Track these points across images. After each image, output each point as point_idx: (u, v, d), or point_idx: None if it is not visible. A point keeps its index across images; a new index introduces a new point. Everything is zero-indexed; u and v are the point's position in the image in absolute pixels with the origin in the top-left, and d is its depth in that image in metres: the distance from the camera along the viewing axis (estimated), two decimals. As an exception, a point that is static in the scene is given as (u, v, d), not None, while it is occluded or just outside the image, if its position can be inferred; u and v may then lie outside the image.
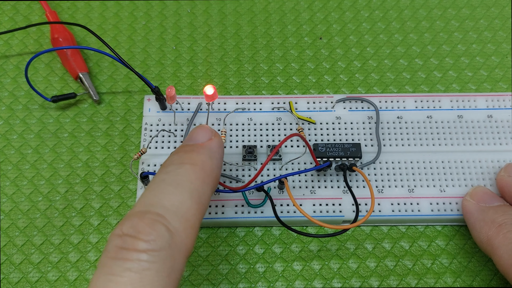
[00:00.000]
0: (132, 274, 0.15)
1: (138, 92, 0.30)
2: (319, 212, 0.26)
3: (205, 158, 0.20)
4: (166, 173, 0.19)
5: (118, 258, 0.16)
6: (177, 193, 0.18)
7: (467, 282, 0.25)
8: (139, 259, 0.16)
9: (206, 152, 0.20)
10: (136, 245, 0.16)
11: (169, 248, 0.16)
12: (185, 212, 0.18)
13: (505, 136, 0.28)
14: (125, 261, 0.16)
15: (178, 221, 0.17)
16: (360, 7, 0.33)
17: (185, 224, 0.17)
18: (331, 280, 0.25)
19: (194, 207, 0.18)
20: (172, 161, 0.20)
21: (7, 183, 0.27)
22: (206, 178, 0.19)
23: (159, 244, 0.16)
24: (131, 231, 0.16)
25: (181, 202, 0.18)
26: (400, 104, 0.29)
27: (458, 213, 0.26)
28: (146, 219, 0.17)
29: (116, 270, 0.15)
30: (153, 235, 0.16)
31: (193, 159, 0.19)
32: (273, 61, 0.31)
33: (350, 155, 0.25)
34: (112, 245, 0.16)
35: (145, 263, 0.16)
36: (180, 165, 0.19)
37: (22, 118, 0.29)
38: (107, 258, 0.16)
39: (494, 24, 0.33)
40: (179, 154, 0.20)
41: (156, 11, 0.33)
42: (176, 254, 0.17)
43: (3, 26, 0.32)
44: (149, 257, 0.16)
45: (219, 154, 0.21)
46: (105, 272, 0.16)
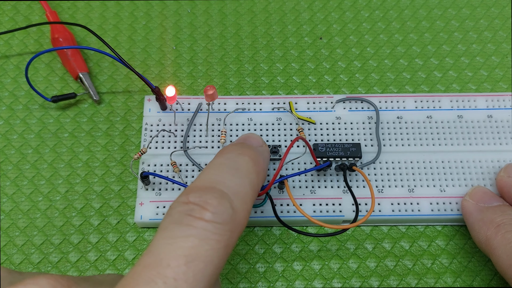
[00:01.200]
0: (196, 240, 0.16)
1: (138, 92, 0.30)
2: (319, 212, 0.26)
3: (259, 157, 0.21)
4: (226, 159, 0.20)
5: (183, 223, 0.16)
6: (237, 176, 0.19)
7: (467, 282, 0.25)
8: (204, 228, 0.16)
9: (260, 153, 0.21)
10: (203, 214, 0.17)
11: (230, 223, 0.17)
12: (244, 195, 0.19)
13: (505, 136, 0.28)
14: (190, 227, 0.16)
15: (239, 201, 0.18)
16: (360, 7, 0.33)
17: (244, 206, 0.18)
18: (331, 280, 0.25)
19: (251, 193, 0.19)
20: (231, 150, 0.21)
21: (7, 183, 0.27)
22: (259, 173, 0.20)
23: (223, 218, 0.17)
24: (199, 201, 0.17)
25: (241, 186, 0.19)
26: (400, 104, 0.29)
27: (458, 213, 0.26)
28: (214, 193, 0.17)
29: (180, 234, 0.16)
30: (220, 209, 0.17)
31: (251, 154, 0.21)
32: (273, 61, 0.31)
33: (350, 155, 0.25)
34: (177, 210, 0.17)
35: (209, 233, 0.16)
36: (239, 155, 0.20)
37: (22, 118, 0.29)
38: (171, 223, 0.17)
39: (494, 24, 0.33)
40: (237, 146, 0.21)
41: (156, 11, 0.33)
42: (234, 231, 0.17)
43: (3, 26, 0.32)
44: (212, 227, 0.16)
45: (267, 160, 0.23)
46: (167, 235, 0.16)
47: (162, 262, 0.15)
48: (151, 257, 0.16)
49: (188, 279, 0.15)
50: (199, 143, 0.27)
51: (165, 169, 0.27)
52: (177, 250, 0.16)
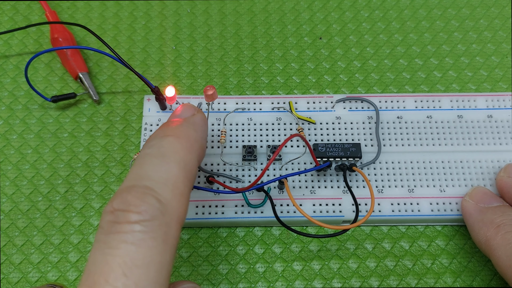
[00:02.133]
0: (128, 245, 0.15)
1: (138, 92, 0.30)
2: (319, 212, 0.26)
3: (188, 130, 0.20)
4: (150, 147, 0.19)
5: (113, 232, 0.16)
6: (162, 163, 0.18)
7: (467, 282, 0.25)
8: (133, 230, 0.16)
9: (189, 125, 0.20)
10: (128, 218, 0.16)
11: (161, 216, 0.16)
12: (173, 181, 0.18)
13: (505, 136, 0.28)
14: (119, 233, 0.16)
15: (167, 190, 0.17)
16: (360, 7, 0.33)
17: (174, 192, 0.17)
18: (331, 280, 0.25)
19: (181, 175, 0.18)
20: (155, 135, 0.20)
21: (7, 183, 0.27)
22: (191, 147, 0.19)
23: (150, 214, 0.16)
24: (122, 206, 0.16)
25: (167, 172, 0.18)
26: (400, 104, 0.29)
27: (458, 213, 0.26)
28: (135, 192, 0.17)
29: (112, 244, 0.16)
30: (144, 206, 0.16)
31: (176, 131, 0.20)
32: (273, 61, 0.31)
33: (350, 155, 0.25)
34: (105, 221, 0.16)
35: (139, 234, 0.16)
36: (163, 137, 0.19)
37: (22, 118, 0.29)
38: (101, 235, 0.16)
39: (494, 24, 0.33)
40: (161, 128, 0.20)
41: (156, 11, 0.33)
42: (169, 222, 0.17)
43: (3, 26, 0.32)
44: (142, 227, 0.16)
45: (202, 127, 0.21)
46: (101, 247, 0.16)
47: (100, 280, 0.15)
48: (90, 275, 0.15)
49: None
50: (199, 143, 0.27)
51: (165, 169, 0.27)
52: (112, 261, 0.15)
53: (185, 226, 0.26)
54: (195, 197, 0.26)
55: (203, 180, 0.27)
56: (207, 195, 0.26)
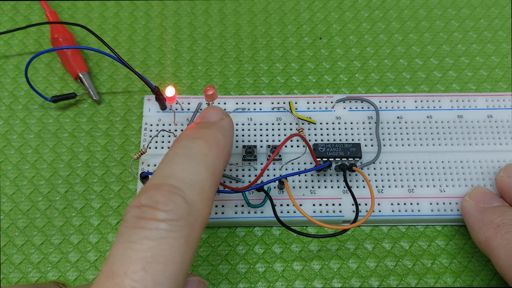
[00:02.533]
0: (151, 242, 0.16)
1: (138, 92, 0.30)
2: (319, 212, 0.26)
3: (217, 134, 0.20)
4: (180, 147, 0.19)
5: (137, 227, 0.16)
6: (192, 165, 0.18)
7: (467, 282, 0.25)
8: (158, 228, 0.16)
9: (219, 129, 0.20)
10: (155, 215, 0.16)
11: (187, 217, 0.17)
12: (200, 184, 0.18)
13: (505, 136, 0.28)
14: (144, 229, 0.16)
15: (194, 192, 0.17)
16: (360, 7, 0.33)
17: (201, 195, 0.18)
18: (331, 280, 0.25)
19: (209, 179, 0.18)
20: (185, 136, 0.20)
21: (7, 183, 0.27)
22: (220, 152, 0.20)
23: (177, 214, 0.16)
24: (149, 202, 0.17)
25: (196, 174, 0.18)
26: (400, 104, 0.29)
27: (458, 213, 0.26)
28: (163, 190, 0.17)
29: (134, 238, 0.16)
30: (171, 205, 0.16)
31: (206, 135, 0.20)
32: (273, 61, 0.31)
33: (350, 155, 0.25)
34: (130, 215, 0.17)
35: (163, 232, 0.16)
36: (193, 139, 0.19)
37: (22, 118, 0.29)
38: (125, 228, 0.16)
39: (494, 24, 0.33)
40: (192, 130, 0.20)
41: (156, 11, 0.33)
42: (193, 224, 0.17)
43: (3, 26, 0.32)
44: (167, 226, 0.16)
45: (230, 133, 0.21)
46: (124, 240, 0.16)
47: (119, 271, 0.15)
48: (109, 267, 0.15)
49: (148, 284, 0.15)
50: (199, 143, 0.27)
51: (165, 169, 0.27)
52: (133, 255, 0.15)
53: (185, 226, 0.26)
54: (195, 197, 0.26)
55: (203, 180, 0.27)
56: (207, 195, 0.26)
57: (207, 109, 0.22)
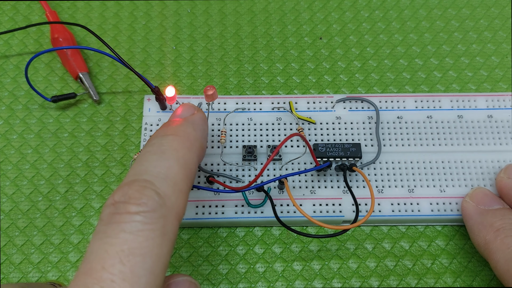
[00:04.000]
0: (127, 235, 0.16)
1: (138, 92, 0.30)
2: (319, 212, 0.26)
3: (188, 129, 0.20)
4: (151, 145, 0.20)
5: (112, 222, 0.16)
6: (162, 160, 0.19)
7: (467, 282, 0.25)
8: (132, 220, 0.16)
9: (189, 124, 0.21)
10: (128, 209, 0.16)
11: (160, 209, 0.17)
12: (172, 177, 0.18)
13: (505, 136, 0.28)
14: (119, 223, 0.16)
15: (166, 185, 0.18)
16: (360, 7, 0.33)
17: (173, 188, 0.18)
18: (331, 280, 0.25)
19: (181, 172, 0.19)
20: (156, 135, 0.20)
21: (7, 183, 0.27)
22: (191, 146, 0.20)
23: (150, 206, 0.17)
24: (122, 198, 0.17)
25: (167, 168, 0.18)
26: (400, 104, 0.29)
27: (458, 213, 0.26)
28: (135, 185, 0.17)
29: (111, 233, 0.16)
30: (144, 199, 0.17)
31: (176, 130, 0.20)
32: (273, 61, 0.31)
33: (350, 155, 0.25)
34: (105, 213, 0.17)
35: (139, 224, 0.16)
36: (163, 136, 0.20)
37: (22, 118, 0.29)
38: (101, 226, 0.17)
39: (494, 24, 0.33)
40: (162, 128, 0.21)
41: (156, 11, 0.33)
42: (168, 216, 0.17)
43: (3, 26, 0.32)
44: (141, 218, 0.16)
45: (202, 126, 0.22)
46: (101, 237, 0.16)
47: (97, 266, 0.15)
48: (87, 263, 0.16)
49: (126, 276, 0.15)
50: (199, 143, 0.27)
51: (165, 169, 0.27)
52: (110, 249, 0.15)
53: (185, 226, 0.26)
54: (195, 197, 0.26)
55: (203, 180, 0.27)
56: (207, 195, 0.26)
57: (178, 107, 0.23)
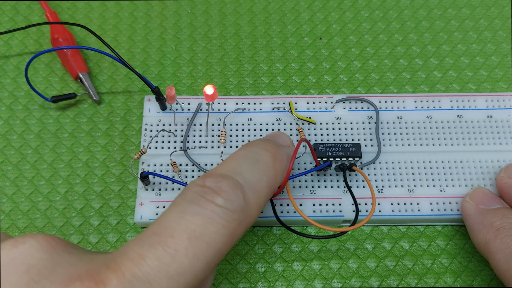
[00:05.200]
0: (203, 219, 0.16)
1: (138, 92, 0.30)
2: (319, 212, 0.26)
3: (283, 156, 0.21)
4: (250, 152, 0.20)
5: (195, 203, 0.17)
6: (256, 170, 0.19)
7: (467, 282, 0.25)
8: (214, 210, 0.17)
9: (285, 152, 0.22)
10: (215, 198, 0.17)
11: (240, 212, 0.17)
12: (259, 190, 0.19)
13: (505, 136, 0.28)
14: (200, 207, 0.17)
15: (253, 195, 0.18)
16: (360, 7, 0.33)
17: (257, 200, 0.19)
18: (331, 280, 0.25)
19: (266, 190, 0.19)
20: (256, 144, 0.21)
21: (7, 183, 0.27)
22: (279, 172, 0.21)
23: (234, 206, 0.17)
24: (214, 186, 0.17)
25: (258, 180, 0.19)
26: (400, 104, 0.29)
27: (458, 213, 0.26)
28: (229, 181, 0.18)
29: (189, 211, 0.17)
30: (233, 197, 0.17)
31: (275, 151, 0.21)
32: (273, 61, 0.31)
33: (350, 155, 0.25)
34: (191, 191, 0.18)
35: (217, 216, 0.17)
36: (262, 150, 0.20)
37: (22, 118, 0.29)
38: (183, 200, 0.17)
39: (494, 24, 0.33)
40: (263, 141, 0.21)
41: (156, 11, 0.33)
42: (242, 221, 0.18)
43: (3, 26, 0.32)
44: (222, 212, 0.17)
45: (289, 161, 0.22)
46: (179, 210, 0.17)
47: (167, 232, 0.16)
48: (158, 226, 0.16)
49: (188, 253, 0.16)
50: (199, 143, 0.27)
51: (165, 169, 0.27)
52: (183, 225, 0.16)
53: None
54: (195, 197, 0.26)
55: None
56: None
57: (278, 133, 0.24)
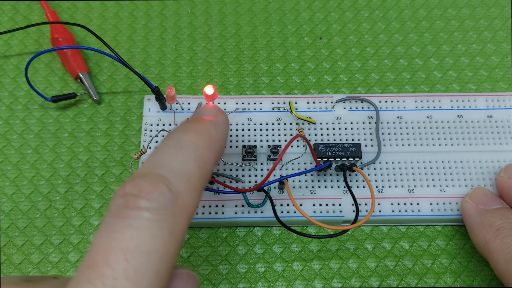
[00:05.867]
0: (133, 231, 0.15)
1: (138, 92, 0.30)
2: (319, 212, 0.26)
3: (210, 129, 0.20)
4: (171, 139, 0.19)
5: (120, 216, 0.16)
6: (180, 155, 0.18)
7: (467, 282, 0.25)
8: (141, 216, 0.16)
9: (212, 124, 0.20)
10: (138, 203, 0.16)
11: (171, 207, 0.16)
12: (187, 174, 0.18)
13: (505, 136, 0.28)
14: (127, 218, 0.16)
15: (180, 182, 0.17)
16: (360, 7, 0.33)
17: (187, 185, 0.17)
18: (331, 280, 0.25)
19: (197, 170, 0.18)
20: (177, 130, 0.20)
21: (7, 183, 0.27)
22: (211, 145, 0.19)
23: (161, 203, 0.16)
24: (134, 191, 0.16)
25: (184, 164, 0.18)
26: (400, 104, 0.29)
27: (458, 213, 0.26)
28: (149, 179, 0.17)
29: (118, 228, 0.15)
30: (155, 194, 0.16)
31: (198, 128, 0.20)
32: (273, 61, 0.31)
33: (350, 155, 0.25)
34: (114, 204, 0.16)
35: (146, 221, 0.16)
36: (184, 132, 0.19)
37: (22, 118, 0.29)
38: (109, 217, 0.16)
39: (494, 24, 0.33)
40: (184, 124, 0.20)
41: (156, 11, 0.33)
42: (178, 214, 0.17)
43: (3, 26, 0.32)
44: (150, 215, 0.16)
45: (224, 129, 0.21)
46: (107, 230, 0.16)
47: (101, 261, 0.15)
48: (91, 256, 0.15)
49: (129, 275, 0.15)
50: (199, 143, 0.27)
51: (165, 169, 0.27)
52: (115, 246, 0.15)
53: (185, 226, 0.26)
54: (195, 197, 0.26)
55: (203, 180, 0.27)
56: (207, 195, 0.26)
57: (201, 107, 0.22)
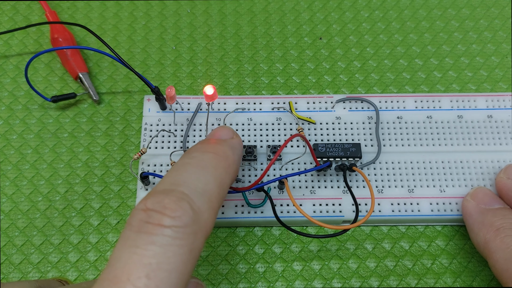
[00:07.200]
0: (156, 248, 0.16)
1: (138, 92, 0.30)
2: (319, 212, 0.26)
3: (227, 150, 0.21)
4: (191, 158, 0.20)
5: (143, 231, 0.16)
6: (202, 175, 0.19)
7: (467, 282, 0.25)
8: (164, 234, 0.16)
9: (229, 146, 0.21)
10: (162, 220, 0.16)
11: (192, 225, 0.17)
12: (209, 194, 0.18)
13: (505, 136, 0.28)
14: (150, 235, 0.16)
15: (202, 201, 0.18)
16: (360, 7, 0.33)
17: (208, 205, 0.18)
18: (331, 280, 0.25)
19: (216, 191, 0.19)
20: (196, 149, 0.20)
21: (7, 183, 0.27)
22: (228, 168, 0.20)
23: (183, 221, 0.16)
24: (157, 207, 0.17)
25: (205, 184, 0.18)
26: (400, 104, 0.29)
27: (458, 213, 0.26)
28: (172, 196, 0.17)
29: (140, 243, 0.16)
30: (179, 212, 0.16)
31: (217, 149, 0.20)
32: (273, 61, 0.31)
33: (350, 155, 0.25)
34: (137, 219, 0.16)
35: (169, 238, 0.16)
36: (204, 152, 0.20)
37: (21, 118, 0.29)
38: (130, 232, 0.16)
39: (494, 24, 0.33)
40: (203, 144, 0.21)
41: (156, 11, 0.33)
42: (198, 232, 0.17)
43: (3, 26, 0.32)
44: (173, 233, 0.16)
45: (239, 151, 0.22)
46: (129, 244, 0.16)
47: (123, 276, 0.15)
48: (112, 270, 0.15)
49: None
50: (199, 143, 0.27)
51: (165, 169, 0.27)
52: (137, 261, 0.15)
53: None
54: (195, 197, 0.26)
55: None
56: (207, 195, 0.26)
57: (218, 128, 0.23)
